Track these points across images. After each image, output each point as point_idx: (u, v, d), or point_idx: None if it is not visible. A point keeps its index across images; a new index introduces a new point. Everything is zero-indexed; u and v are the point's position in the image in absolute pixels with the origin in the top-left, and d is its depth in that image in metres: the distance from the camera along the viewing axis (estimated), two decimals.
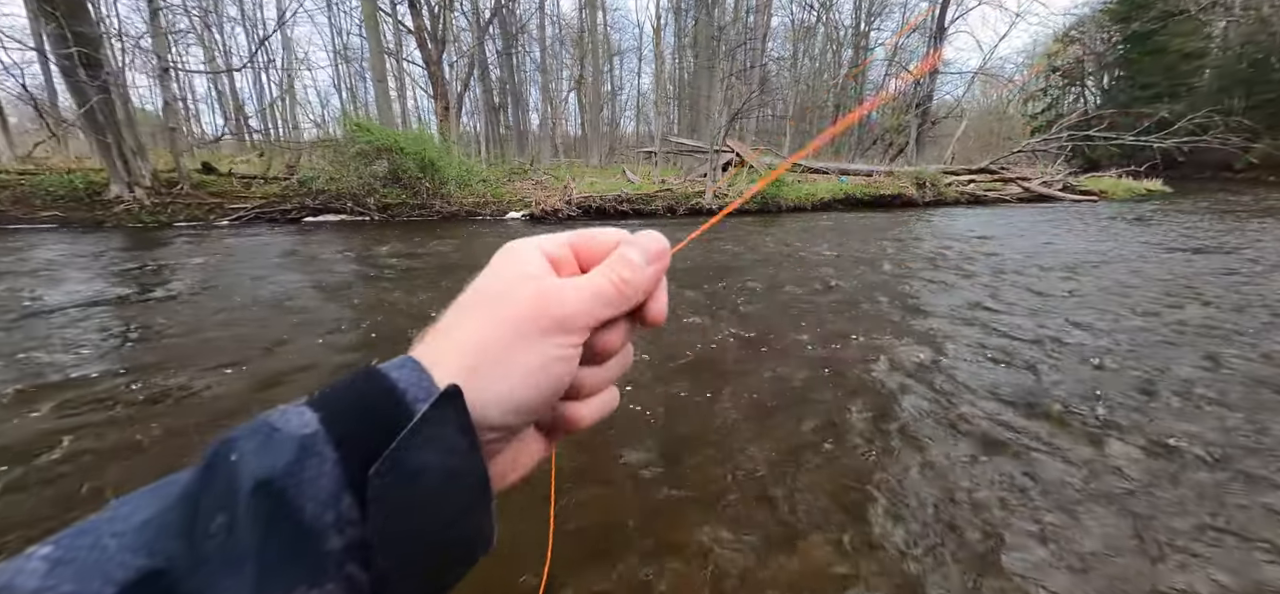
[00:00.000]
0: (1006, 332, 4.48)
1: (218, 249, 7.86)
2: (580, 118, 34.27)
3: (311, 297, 5.47)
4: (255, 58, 23.56)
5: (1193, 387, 3.42)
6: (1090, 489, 2.44)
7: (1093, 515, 2.28)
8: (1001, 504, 2.35)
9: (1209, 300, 5.37)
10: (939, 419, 3.06)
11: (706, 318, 4.93)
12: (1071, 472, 2.57)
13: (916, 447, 2.82)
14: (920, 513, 2.30)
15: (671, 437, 2.91)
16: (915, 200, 15.76)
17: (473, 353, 0.28)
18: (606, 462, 2.66)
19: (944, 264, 7.30)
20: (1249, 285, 5.92)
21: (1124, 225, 11.25)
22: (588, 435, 2.72)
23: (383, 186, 11.64)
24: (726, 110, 15.12)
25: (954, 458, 2.69)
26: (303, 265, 6.92)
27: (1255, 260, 7.22)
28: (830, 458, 2.70)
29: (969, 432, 2.92)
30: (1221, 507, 2.33)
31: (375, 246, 8.34)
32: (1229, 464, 2.62)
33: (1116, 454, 2.71)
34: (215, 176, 11.49)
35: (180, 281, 5.96)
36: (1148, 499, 2.38)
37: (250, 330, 4.45)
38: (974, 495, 2.41)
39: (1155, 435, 2.87)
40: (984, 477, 2.54)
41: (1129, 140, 19.67)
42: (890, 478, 2.54)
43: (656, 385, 3.51)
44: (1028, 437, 2.86)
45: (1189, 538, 2.16)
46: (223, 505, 0.21)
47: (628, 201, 12.98)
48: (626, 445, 2.79)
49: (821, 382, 3.58)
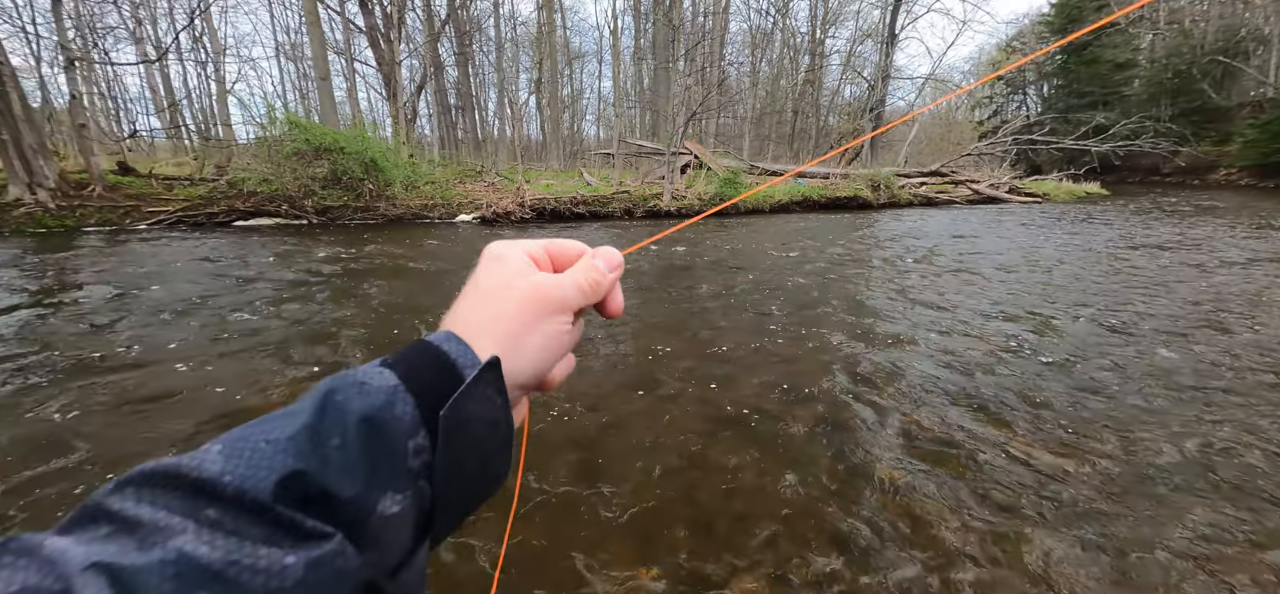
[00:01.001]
0: (981, 334, 4.37)
1: (127, 255, 7.15)
2: (540, 121, 33.77)
3: (207, 303, 4.95)
4: (178, 50, 22.18)
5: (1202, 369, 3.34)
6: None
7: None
8: (952, 513, 2.15)
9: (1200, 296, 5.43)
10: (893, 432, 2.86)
11: (655, 325, 4.66)
12: (1024, 478, 2.40)
13: (864, 472, 2.61)
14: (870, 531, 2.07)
15: (602, 441, 2.62)
16: (871, 202, 15.96)
17: (500, 334, 0.36)
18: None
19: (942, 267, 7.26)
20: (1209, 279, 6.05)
21: (1082, 224, 11.59)
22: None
23: (322, 188, 10.98)
24: (683, 111, 15.00)
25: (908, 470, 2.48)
26: (212, 271, 6.33)
27: (1207, 252, 7.45)
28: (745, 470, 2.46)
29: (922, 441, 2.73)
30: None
31: (309, 251, 7.77)
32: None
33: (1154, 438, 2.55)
34: (133, 178, 10.60)
35: (70, 291, 5.33)
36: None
37: (130, 342, 3.93)
38: (918, 507, 2.20)
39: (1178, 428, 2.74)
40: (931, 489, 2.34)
41: (1069, 144, 20.54)
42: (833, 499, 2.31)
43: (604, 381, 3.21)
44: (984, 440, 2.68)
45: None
46: (337, 431, 0.28)
47: (584, 204, 12.66)
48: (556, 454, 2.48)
49: (765, 388, 3.35)
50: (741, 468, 2.47)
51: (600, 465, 2.50)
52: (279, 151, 10.83)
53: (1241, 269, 6.55)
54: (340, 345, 3.94)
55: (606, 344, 4.06)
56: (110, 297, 5.11)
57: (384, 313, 4.81)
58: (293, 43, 31.72)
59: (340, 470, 0.28)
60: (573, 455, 2.58)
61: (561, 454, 2.58)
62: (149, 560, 0.23)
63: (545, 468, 2.45)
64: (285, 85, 32.98)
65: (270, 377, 3.39)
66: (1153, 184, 26.05)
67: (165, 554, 0.23)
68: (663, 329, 4.45)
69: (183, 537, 0.24)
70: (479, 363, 0.33)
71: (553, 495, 2.28)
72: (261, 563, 0.24)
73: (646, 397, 3.20)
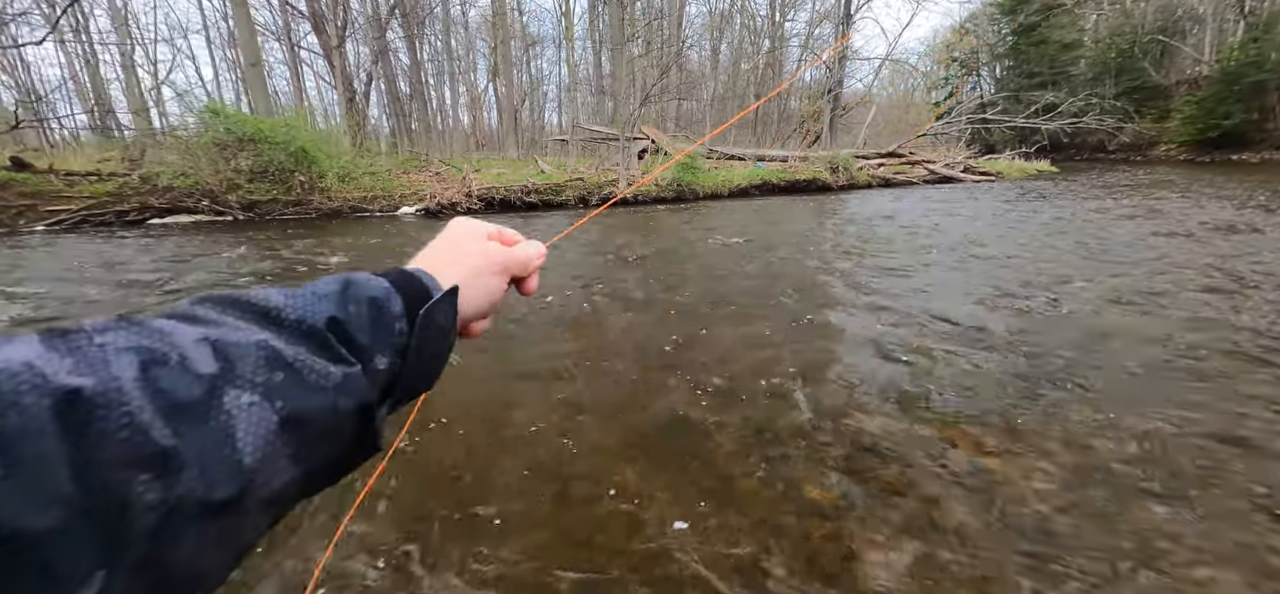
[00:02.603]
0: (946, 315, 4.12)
1: (14, 260, 6.35)
2: (497, 110, 32.76)
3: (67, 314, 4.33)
4: (79, 32, 20.55)
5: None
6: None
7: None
8: (869, 514, 1.83)
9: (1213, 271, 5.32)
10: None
11: (606, 308, 4.27)
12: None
13: (792, 492, 2.29)
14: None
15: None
16: (830, 185, 15.86)
17: (461, 272, 0.48)
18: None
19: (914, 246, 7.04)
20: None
21: (1040, 202, 11.65)
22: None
23: (248, 182, 10.17)
24: (637, 93, 14.55)
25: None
26: (100, 276, 5.64)
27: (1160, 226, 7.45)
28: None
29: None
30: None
31: (217, 251, 7.09)
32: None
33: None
34: (29, 175, 9.59)
35: None
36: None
37: None
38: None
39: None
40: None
41: (1021, 122, 20.92)
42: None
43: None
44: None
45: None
46: (355, 302, 0.39)
47: (535, 192, 12.13)
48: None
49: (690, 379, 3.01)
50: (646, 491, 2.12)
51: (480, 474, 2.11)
52: (197, 142, 9.97)
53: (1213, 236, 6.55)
54: None
55: (531, 344, 3.66)
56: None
57: None
58: (230, 28, 29.85)
59: (358, 327, 0.38)
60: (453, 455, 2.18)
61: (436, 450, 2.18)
62: (245, 341, 0.31)
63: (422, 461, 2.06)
64: (219, 77, 31.06)
65: None
66: (1099, 160, 26.90)
67: (256, 340, 0.32)
68: (600, 325, 4.08)
69: (264, 334, 0.33)
70: (444, 289, 0.44)
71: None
72: (318, 366, 0.34)
73: (561, 395, 2.82)
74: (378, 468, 2.05)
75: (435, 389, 0.46)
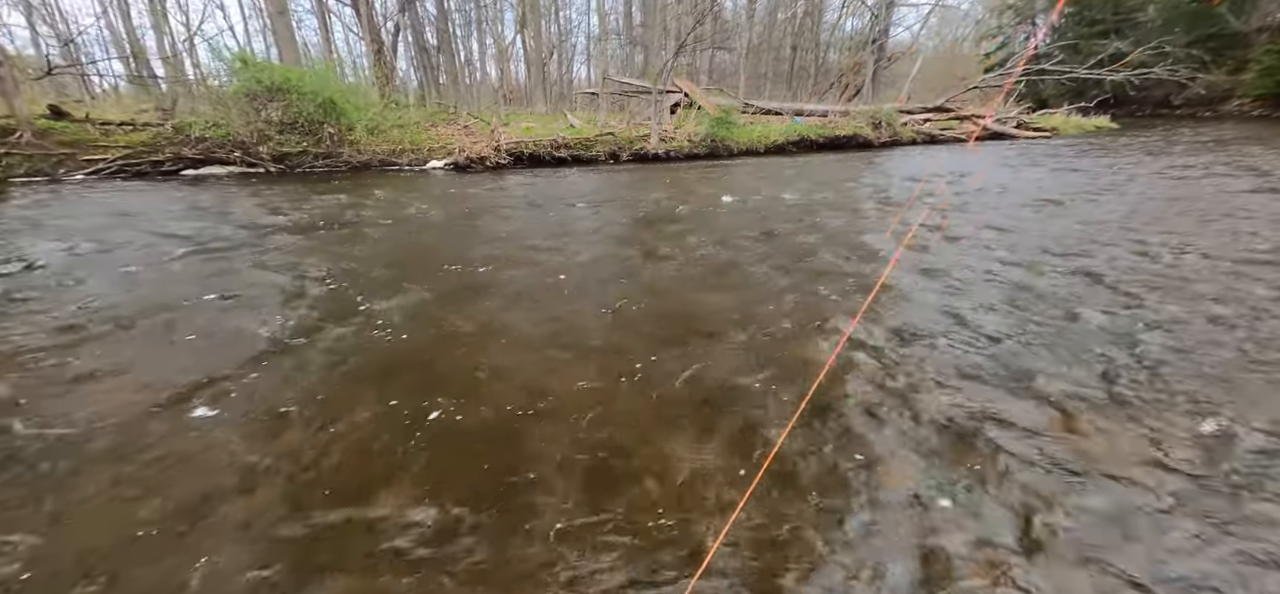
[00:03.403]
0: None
1: (59, 209, 6.40)
2: (525, 62, 32.04)
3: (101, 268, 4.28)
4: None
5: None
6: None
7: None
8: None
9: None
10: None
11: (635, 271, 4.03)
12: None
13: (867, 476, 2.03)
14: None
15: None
16: (871, 141, 15.09)
17: None
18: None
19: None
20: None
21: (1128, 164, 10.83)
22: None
23: (279, 133, 10.09)
24: (671, 42, 13.89)
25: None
26: (130, 225, 5.61)
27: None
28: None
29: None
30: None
31: (241, 204, 7.03)
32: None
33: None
34: (67, 123, 9.67)
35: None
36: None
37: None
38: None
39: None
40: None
41: (1082, 74, 19.41)
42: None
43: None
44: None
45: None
46: None
47: (565, 147, 11.79)
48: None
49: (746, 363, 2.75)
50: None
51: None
52: (228, 92, 9.89)
53: None
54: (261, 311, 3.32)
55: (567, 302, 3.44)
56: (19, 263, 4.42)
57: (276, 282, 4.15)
58: None
59: None
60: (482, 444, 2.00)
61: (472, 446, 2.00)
62: None
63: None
64: (248, 26, 30.90)
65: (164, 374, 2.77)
66: (1162, 116, 24.99)
67: None
68: (641, 293, 3.83)
69: None
70: None
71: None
72: None
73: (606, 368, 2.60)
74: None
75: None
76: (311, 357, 2.71)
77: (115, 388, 2.43)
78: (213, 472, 1.88)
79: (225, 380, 2.47)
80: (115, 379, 2.51)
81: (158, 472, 1.88)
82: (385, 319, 3.16)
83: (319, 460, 1.93)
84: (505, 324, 3.11)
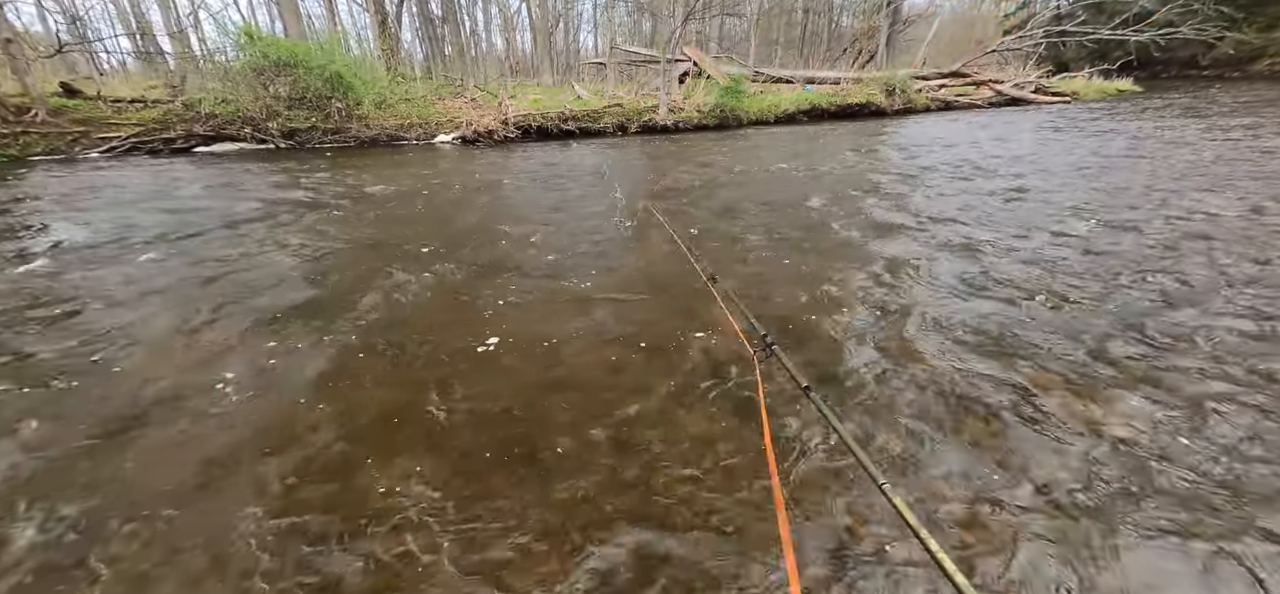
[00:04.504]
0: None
1: (82, 184, 6.50)
2: (531, 32, 31.58)
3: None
4: None
5: None
6: None
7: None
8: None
9: None
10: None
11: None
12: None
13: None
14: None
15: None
16: (884, 109, 14.80)
17: None
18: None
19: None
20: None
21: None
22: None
23: (288, 109, 10.10)
24: (681, 8, 13.62)
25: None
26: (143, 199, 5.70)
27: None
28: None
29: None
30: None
31: (268, 178, 7.08)
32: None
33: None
34: (80, 101, 9.75)
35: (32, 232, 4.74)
36: None
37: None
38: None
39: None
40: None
41: (1106, 34, 18.78)
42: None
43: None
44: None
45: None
46: None
47: (573, 119, 11.70)
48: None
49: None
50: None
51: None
52: (235, 68, 9.89)
53: None
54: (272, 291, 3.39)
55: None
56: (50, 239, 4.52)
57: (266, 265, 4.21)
58: None
59: None
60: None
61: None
62: None
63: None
64: (254, 1, 30.64)
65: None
66: (1189, 78, 24.15)
67: None
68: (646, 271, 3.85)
69: None
70: None
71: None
72: None
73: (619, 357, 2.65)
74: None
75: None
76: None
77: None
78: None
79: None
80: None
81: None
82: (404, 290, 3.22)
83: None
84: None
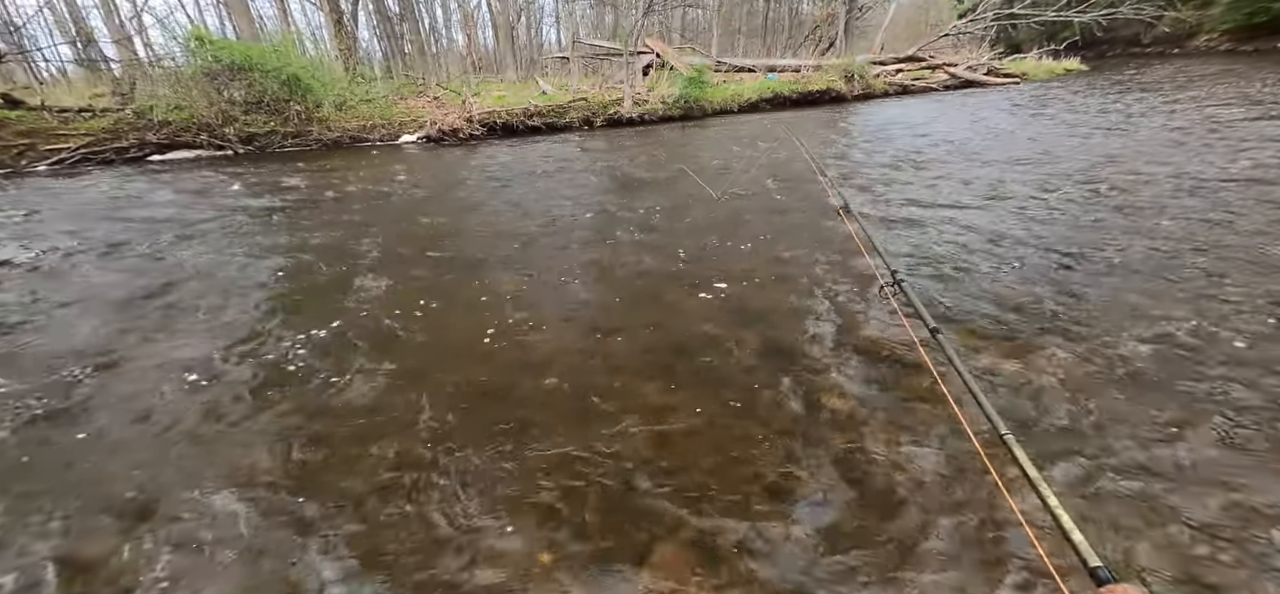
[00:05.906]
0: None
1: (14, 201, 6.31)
2: (493, 27, 31.18)
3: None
4: None
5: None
6: None
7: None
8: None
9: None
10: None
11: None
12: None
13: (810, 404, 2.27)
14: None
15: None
16: (845, 95, 15.16)
17: None
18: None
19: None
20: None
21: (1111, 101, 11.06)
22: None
23: (245, 114, 9.88)
24: (642, 2, 13.71)
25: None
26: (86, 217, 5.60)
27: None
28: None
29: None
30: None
31: (231, 186, 6.98)
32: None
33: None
34: (22, 112, 9.38)
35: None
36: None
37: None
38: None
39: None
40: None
41: (1050, 17, 19.55)
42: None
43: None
44: None
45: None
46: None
47: (538, 115, 11.72)
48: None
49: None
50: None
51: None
52: (186, 72, 9.63)
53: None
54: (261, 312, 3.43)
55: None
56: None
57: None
58: None
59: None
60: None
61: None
62: None
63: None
64: (199, 1, 29.54)
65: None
66: (1133, 56, 25.27)
67: None
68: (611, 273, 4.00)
69: None
70: None
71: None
72: None
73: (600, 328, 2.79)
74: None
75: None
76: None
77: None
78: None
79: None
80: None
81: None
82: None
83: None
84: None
